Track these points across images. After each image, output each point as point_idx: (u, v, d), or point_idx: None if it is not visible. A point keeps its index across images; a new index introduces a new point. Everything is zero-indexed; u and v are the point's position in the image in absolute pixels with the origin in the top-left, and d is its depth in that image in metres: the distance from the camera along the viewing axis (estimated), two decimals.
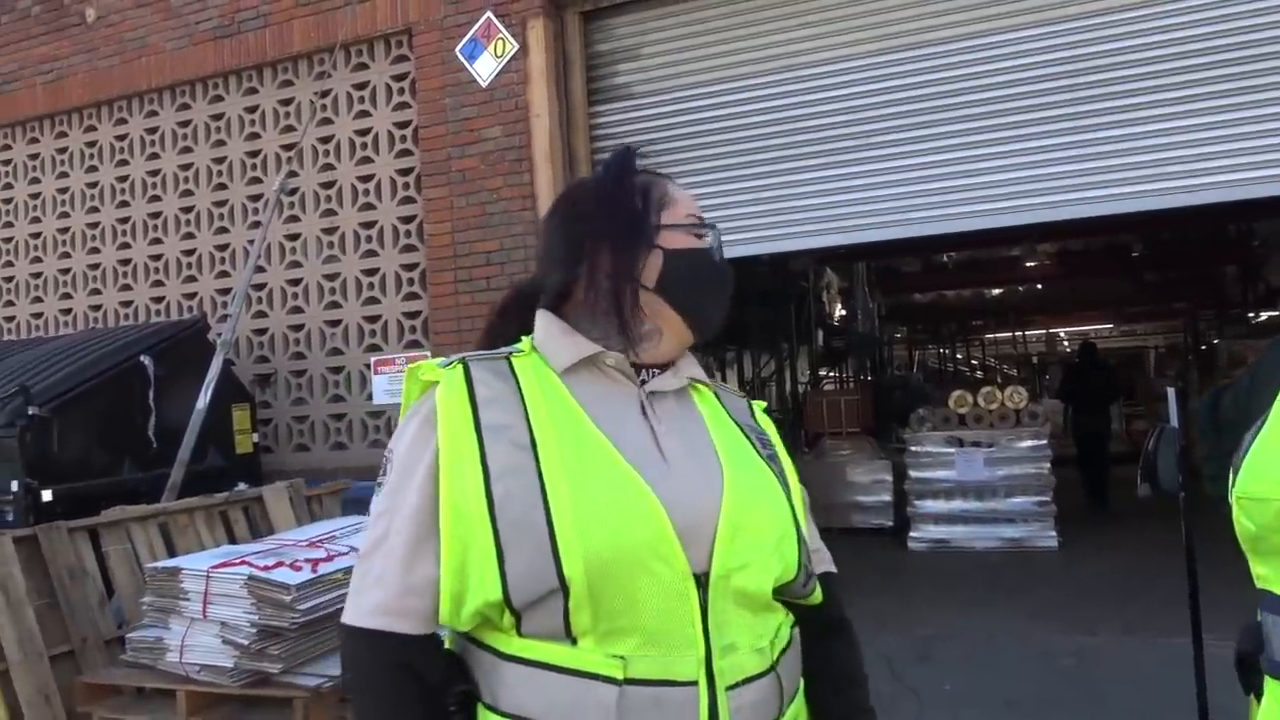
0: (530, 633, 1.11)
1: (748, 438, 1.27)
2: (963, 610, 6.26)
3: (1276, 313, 13.79)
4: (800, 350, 14.26)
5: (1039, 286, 17.04)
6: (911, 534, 8.58)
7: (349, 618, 1.15)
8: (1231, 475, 1.35)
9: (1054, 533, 8.22)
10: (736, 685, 1.11)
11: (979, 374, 23.82)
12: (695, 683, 1.09)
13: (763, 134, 5.78)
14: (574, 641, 1.09)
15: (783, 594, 1.21)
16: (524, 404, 1.15)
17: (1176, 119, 4.99)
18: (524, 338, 1.26)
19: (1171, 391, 4.67)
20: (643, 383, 1.24)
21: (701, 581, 1.10)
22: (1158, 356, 20.85)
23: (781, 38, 5.77)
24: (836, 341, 16.09)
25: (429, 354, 6.12)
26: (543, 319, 1.27)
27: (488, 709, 1.13)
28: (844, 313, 15.21)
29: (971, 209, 5.44)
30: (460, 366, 1.18)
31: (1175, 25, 5.02)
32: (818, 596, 1.28)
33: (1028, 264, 14.31)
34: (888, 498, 9.20)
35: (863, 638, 1.39)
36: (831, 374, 16.45)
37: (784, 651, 1.19)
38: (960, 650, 4.69)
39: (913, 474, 8.66)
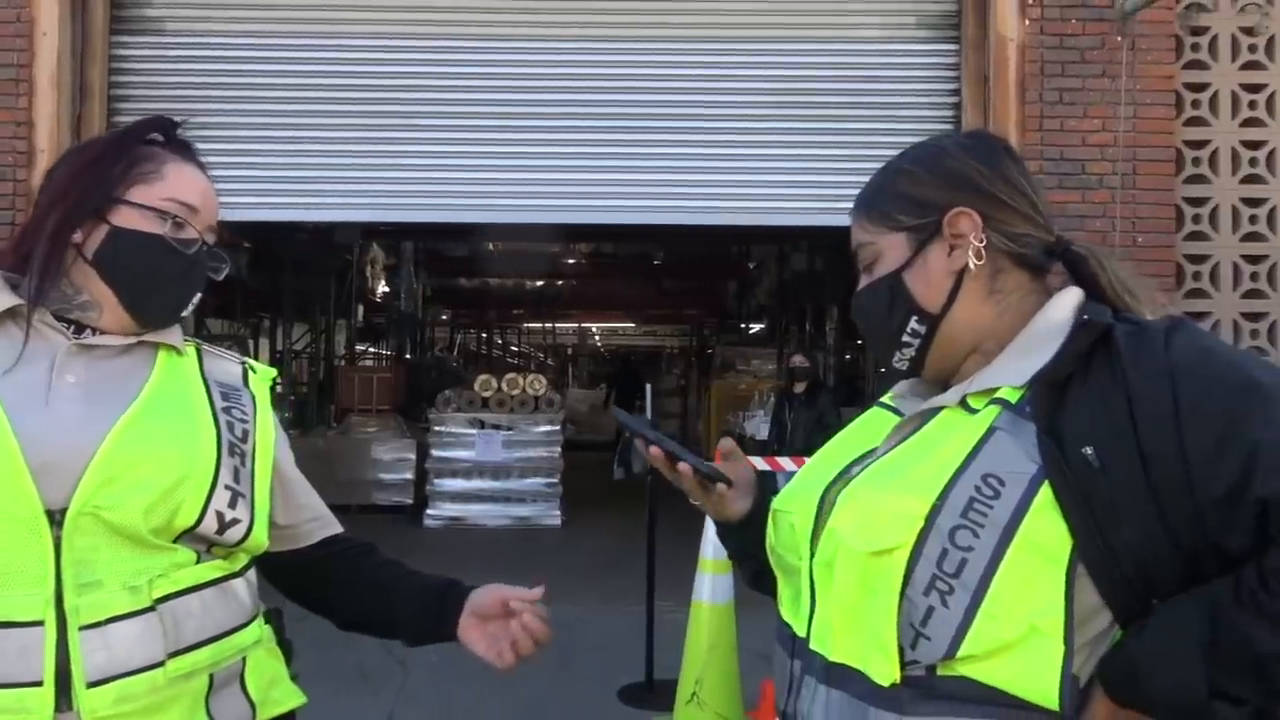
0: None
1: (210, 397, 1.26)
2: None
3: (763, 325, 15.96)
4: (339, 324, 13.99)
5: (574, 283, 18.24)
6: (428, 511, 8.82)
7: None
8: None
9: (559, 512, 8.89)
10: (97, 625, 1.10)
11: (518, 360, 24.89)
12: (40, 623, 1.08)
13: (304, 96, 5.58)
14: None
15: (200, 540, 1.19)
16: None
17: (697, 146, 5.58)
18: None
19: (648, 387, 5.34)
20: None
21: (57, 518, 1.10)
22: (671, 355, 23.19)
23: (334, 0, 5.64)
24: (378, 318, 15.97)
25: None
26: None
27: None
28: (387, 290, 15.14)
29: (507, 202, 5.71)
30: None
31: (715, 71, 5.61)
32: (260, 541, 1.25)
33: (566, 261, 15.27)
34: (409, 476, 9.36)
35: None
36: (370, 350, 16.31)
37: (181, 594, 1.16)
38: None
39: (435, 453, 8.91)
